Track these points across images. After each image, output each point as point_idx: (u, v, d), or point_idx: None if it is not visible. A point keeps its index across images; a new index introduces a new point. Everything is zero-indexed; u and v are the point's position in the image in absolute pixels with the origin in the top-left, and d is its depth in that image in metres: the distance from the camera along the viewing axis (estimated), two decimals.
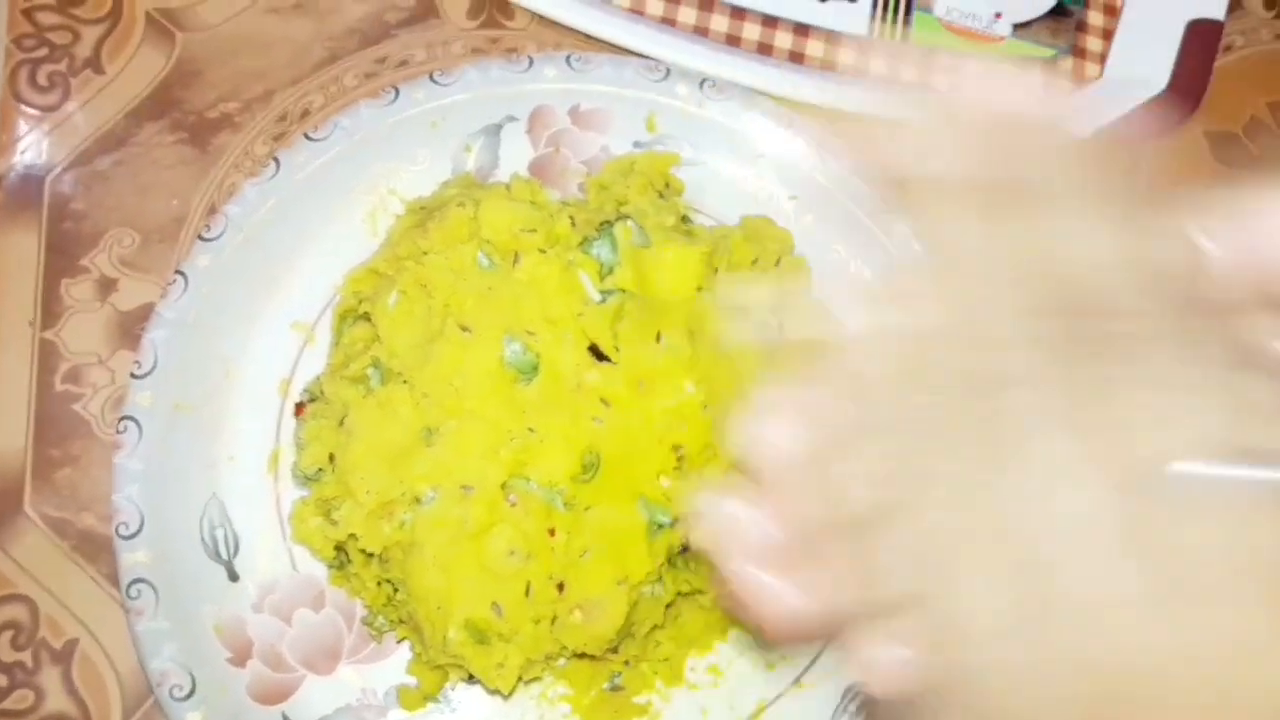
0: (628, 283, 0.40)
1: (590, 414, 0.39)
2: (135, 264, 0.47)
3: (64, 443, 0.44)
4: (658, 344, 0.40)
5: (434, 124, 0.49)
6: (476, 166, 0.50)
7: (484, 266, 0.41)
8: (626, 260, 0.41)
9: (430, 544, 0.38)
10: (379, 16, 0.52)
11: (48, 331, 0.45)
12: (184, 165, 0.48)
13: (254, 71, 0.50)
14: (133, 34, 0.50)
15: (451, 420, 0.39)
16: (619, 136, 0.51)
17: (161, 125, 0.49)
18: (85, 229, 0.47)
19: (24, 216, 0.47)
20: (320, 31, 0.51)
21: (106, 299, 0.46)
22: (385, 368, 0.40)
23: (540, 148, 0.50)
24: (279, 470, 0.44)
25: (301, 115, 0.50)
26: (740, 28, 0.54)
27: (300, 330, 0.46)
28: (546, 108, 0.50)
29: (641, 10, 0.53)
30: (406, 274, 0.41)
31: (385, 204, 0.48)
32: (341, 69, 0.51)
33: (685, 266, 0.42)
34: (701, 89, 0.50)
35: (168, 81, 0.50)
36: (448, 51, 0.52)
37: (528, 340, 0.40)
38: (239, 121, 0.49)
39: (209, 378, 0.44)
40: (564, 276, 0.40)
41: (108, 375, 0.45)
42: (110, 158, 0.48)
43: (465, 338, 0.40)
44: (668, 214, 0.44)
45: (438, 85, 0.49)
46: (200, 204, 0.48)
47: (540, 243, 0.40)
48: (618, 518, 0.38)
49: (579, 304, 0.40)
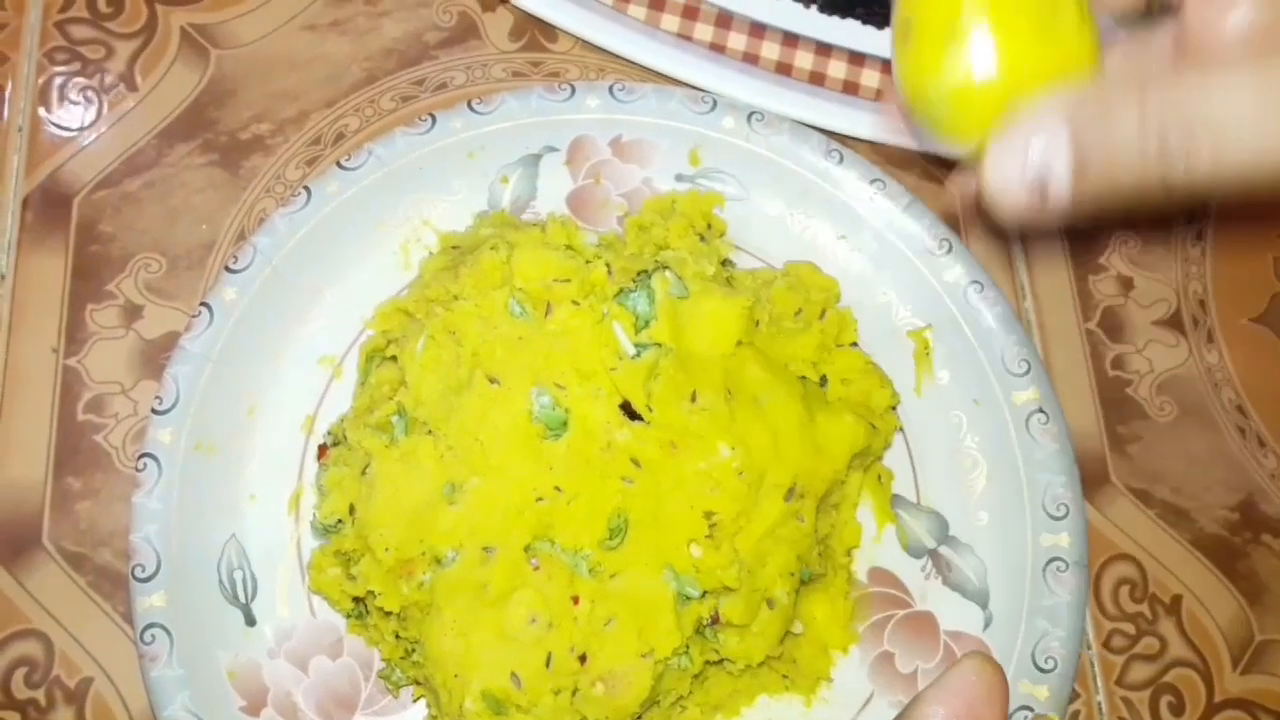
0: (664, 336, 0.39)
1: (620, 474, 0.38)
2: (161, 290, 0.46)
3: (84, 474, 0.43)
4: (692, 403, 0.38)
5: (471, 154, 0.47)
6: (513, 198, 0.48)
7: (516, 314, 0.39)
8: (663, 314, 0.39)
9: (449, 607, 0.36)
10: (418, 37, 0.50)
11: (71, 359, 0.45)
12: (214, 188, 0.47)
13: (288, 92, 0.49)
14: (167, 49, 0.49)
15: (476, 477, 0.37)
16: (661, 169, 0.49)
17: (192, 146, 0.48)
18: (113, 253, 0.46)
19: (51, 239, 0.46)
20: (357, 51, 0.50)
21: (131, 326, 0.45)
22: (410, 416, 0.39)
23: (580, 179, 0.49)
24: (300, 511, 0.43)
25: (336, 139, 0.49)
26: (792, 55, 0.52)
27: (327, 364, 0.45)
28: (587, 138, 0.49)
29: (690, 36, 0.51)
30: (436, 319, 0.40)
31: (419, 235, 0.47)
32: (378, 91, 0.49)
33: (724, 320, 0.40)
34: (749, 122, 0.48)
35: (200, 100, 0.48)
36: (488, 75, 0.50)
37: (558, 394, 0.38)
38: (271, 144, 0.48)
39: (232, 414, 0.43)
40: (598, 329, 0.39)
41: (130, 405, 0.44)
42: (140, 179, 0.47)
43: (493, 390, 0.38)
44: (708, 260, 0.42)
45: (476, 114, 0.47)
46: (229, 229, 0.47)
47: (574, 293, 0.39)
48: (644, 587, 0.37)
49: (612, 358, 0.38)
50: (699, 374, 0.39)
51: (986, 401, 0.46)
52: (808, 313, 0.43)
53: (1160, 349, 0.50)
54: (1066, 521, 0.44)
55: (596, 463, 0.38)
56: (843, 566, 0.43)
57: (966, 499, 0.46)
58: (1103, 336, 0.50)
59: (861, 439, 0.40)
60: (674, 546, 0.37)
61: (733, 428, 0.38)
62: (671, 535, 0.37)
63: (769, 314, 0.42)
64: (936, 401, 0.47)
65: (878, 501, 0.45)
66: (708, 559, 0.37)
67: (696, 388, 0.38)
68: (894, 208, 0.48)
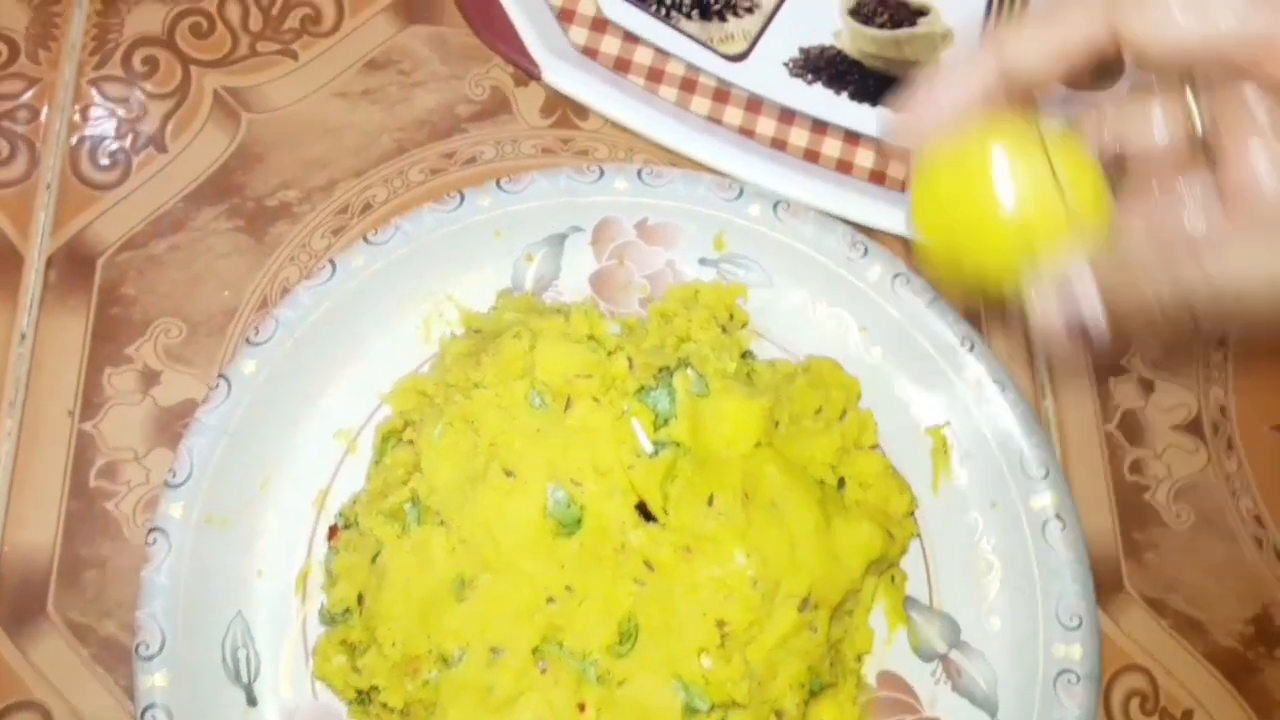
0: (683, 436, 0.38)
1: (632, 576, 0.37)
2: (180, 357, 0.46)
3: (93, 542, 0.43)
4: (709, 507, 0.38)
5: (498, 233, 0.47)
6: (537, 277, 0.48)
7: (535, 406, 0.39)
8: (683, 413, 0.39)
9: (454, 708, 0.36)
10: (450, 109, 0.51)
11: (87, 423, 0.44)
12: (239, 254, 0.47)
13: (318, 159, 0.49)
14: (199, 111, 0.49)
15: (487, 573, 0.37)
16: (686, 253, 0.49)
17: (219, 210, 0.48)
18: (134, 315, 0.46)
19: (73, 299, 0.46)
20: (389, 121, 0.50)
21: (148, 392, 0.45)
22: (424, 505, 0.39)
23: (604, 260, 0.49)
24: (307, 589, 0.42)
25: (363, 209, 0.49)
26: (820, 142, 0.52)
27: (343, 439, 0.45)
28: (613, 219, 0.49)
29: (719, 119, 0.51)
30: (454, 407, 0.40)
31: (441, 310, 0.47)
32: (408, 162, 0.50)
33: (744, 421, 0.40)
34: (775, 211, 0.48)
35: (229, 164, 0.48)
36: (517, 150, 0.50)
37: (573, 491, 0.38)
38: (298, 211, 0.48)
39: (245, 489, 0.43)
40: (616, 425, 0.38)
41: (143, 474, 0.44)
42: (165, 242, 0.47)
43: (508, 483, 0.38)
44: (729, 355, 0.42)
45: (505, 192, 0.47)
46: (252, 297, 0.47)
47: (595, 389, 0.39)
48: (652, 696, 0.36)
49: (630, 455, 0.38)
50: (716, 475, 0.38)
51: (1003, 504, 0.46)
52: (828, 412, 0.43)
53: (1179, 454, 0.50)
54: (1080, 633, 0.44)
55: (609, 563, 0.37)
56: (852, 671, 0.42)
57: (979, 603, 0.45)
58: (1121, 439, 0.50)
59: (878, 548, 0.40)
60: (684, 655, 0.37)
61: (749, 534, 0.38)
62: (682, 643, 0.37)
63: (788, 413, 0.42)
64: (953, 502, 0.47)
65: (890, 603, 0.44)
66: (718, 671, 0.36)
67: (714, 490, 0.38)
68: (917, 302, 0.48)
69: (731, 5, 0.53)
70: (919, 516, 0.46)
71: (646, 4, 0.52)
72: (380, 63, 0.51)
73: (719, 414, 0.40)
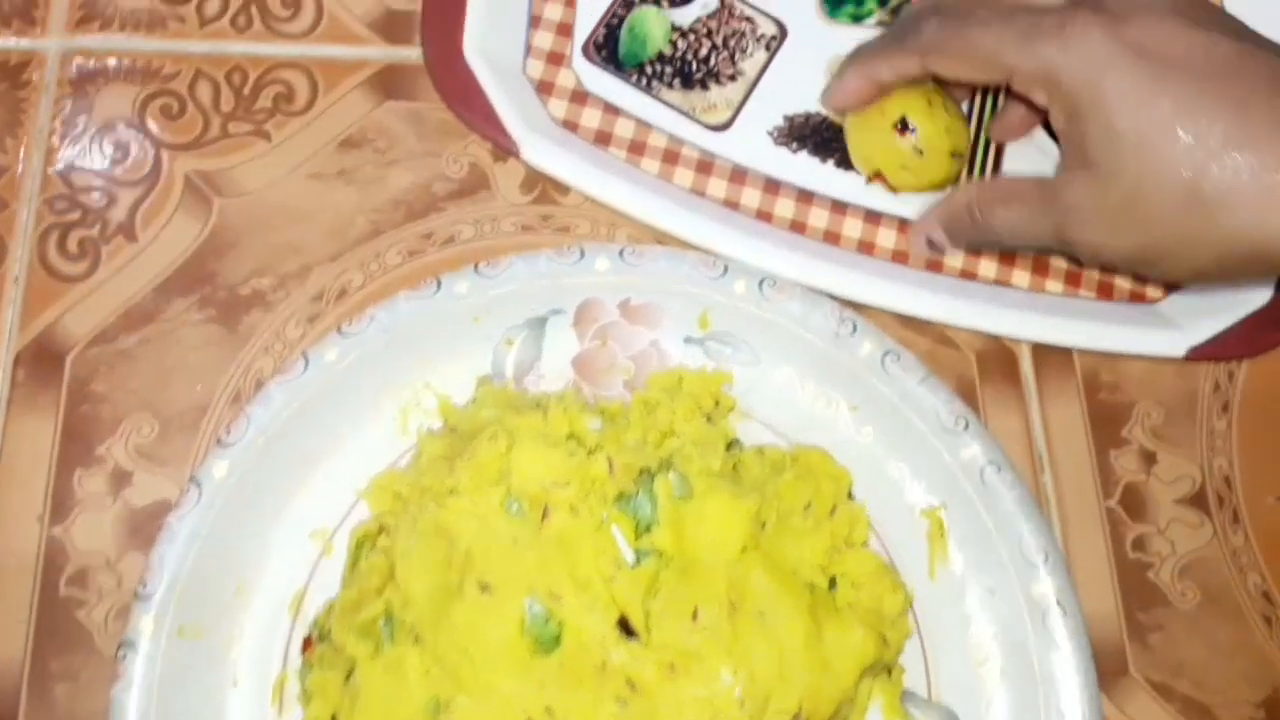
0: (665, 544, 0.37)
1: (614, 696, 0.36)
2: (152, 455, 0.44)
3: (64, 654, 0.42)
4: (694, 621, 0.37)
5: (476, 318, 0.46)
6: (517, 361, 0.47)
7: (512, 513, 0.38)
8: (666, 519, 0.37)
9: None
10: (427, 187, 0.49)
11: (56, 528, 0.43)
12: (211, 346, 0.46)
13: (291, 244, 0.48)
14: (170, 197, 0.48)
15: (463, 695, 0.36)
16: (670, 332, 0.48)
17: (191, 301, 0.47)
18: (104, 413, 0.45)
19: (42, 399, 0.45)
20: (364, 202, 0.49)
21: (119, 493, 0.44)
22: (398, 620, 0.37)
23: (586, 341, 0.47)
24: (283, 700, 0.41)
25: (339, 294, 0.47)
26: (807, 212, 0.50)
27: (318, 539, 0.43)
28: (595, 300, 0.47)
29: (703, 191, 0.50)
30: (428, 515, 0.38)
31: (419, 399, 0.46)
32: (384, 244, 0.48)
33: (730, 524, 0.38)
34: (761, 288, 0.47)
35: (201, 252, 0.47)
36: (497, 229, 0.49)
37: (552, 605, 0.37)
38: (272, 300, 0.47)
39: (218, 596, 0.42)
40: (596, 535, 0.37)
41: (114, 580, 0.43)
42: (136, 335, 0.46)
43: (484, 598, 0.37)
44: (714, 450, 0.41)
45: (483, 277, 0.46)
46: (224, 391, 0.46)
47: (573, 498, 0.37)
48: None
49: (610, 566, 0.37)
50: (701, 585, 0.37)
51: (1001, 591, 0.45)
52: (817, 508, 0.42)
53: (1183, 529, 0.48)
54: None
55: (590, 683, 0.36)
56: None
57: (979, 695, 0.44)
58: (1123, 515, 0.48)
59: (872, 654, 0.39)
60: None
61: (735, 648, 0.36)
62: None
63: (776, 510, 0.40)
64: (950, 588, 0.45)
65: (888, 699, 0.43)
66: None
67: (698, 602, 0.37)
68: (909, 380, 0.46)
69: (714, 73, 0.52)
70: (915, 603, 0.44)
71: (627, 74, 0.51)
72: (355, 141, 0.50)
73: (703, 517, 0.38)
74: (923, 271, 0.50)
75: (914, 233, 0.49)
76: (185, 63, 0.50)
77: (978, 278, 0.50)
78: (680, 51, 0.52)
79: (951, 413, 0.46)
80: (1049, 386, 0.50)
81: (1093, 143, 0.40)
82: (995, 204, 0.46)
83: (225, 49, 0.50)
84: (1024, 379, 0.50)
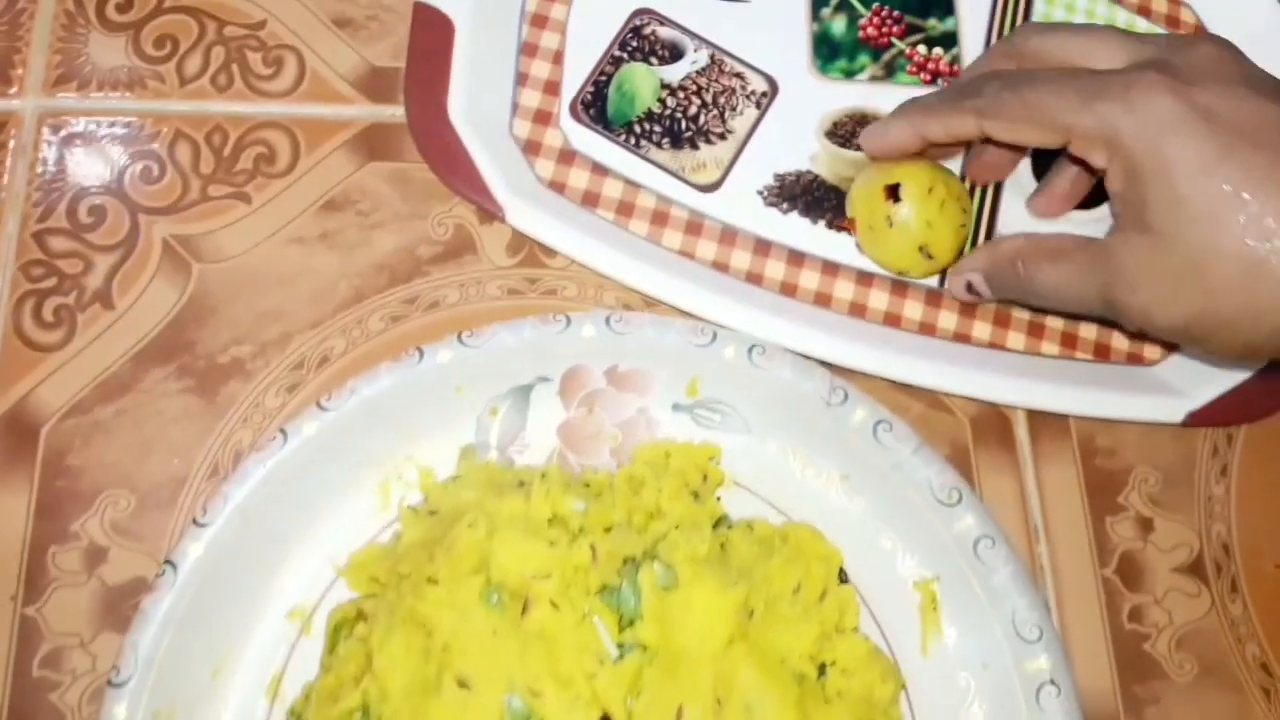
0: (649, 638, 0.36)
1: None
2: (129, 531, 0.44)
3: None
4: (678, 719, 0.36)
5: (460, 389, 0.45)
6: (501, 431, 0.46)
7: (492, 604, 0.37)
8: (650, 612, 0.36)
9: None
10: (411, 250, 0.48)
11: (30, 607, 0.42)
12: (189, 417, 0.45)
13: (272, 311, 0.47)
14: (148, 263, 0.47)
15: None
16: (658, 399, 0.47)
17: (169, 371, 0.46)
18: (80, 488, 0.44)
19: (15, 474, 0.44)
20: (346, 266, 0.48)
21: (94, 571, 0.43)
22: (374, 714, 0.36)
23: (572, 409, 0.47)
24: None
25: (320, 362, 0.46)
26: (797, 275, 0.50)
27: (297, 618, 0.43)
28: (582, 367, 0.46)
29: (692, 253, 0.49)
30: (405, 605, 0.37)
31: (400, 472, 0.45)
32: (367, 310, 0.47)
33: (716, 615, 0.37)
34: (750, 355, 0.46)
35: (180, 320, 0.46)
36: (482, 293, 0.48)
37: (532, 702, 0.36)
38: (251, 368, 0.46)
39: (194, 680, 0.41)
40: (578, 628, 0.36)
41: (89, 660, 0.42)
42: (112, 407, 0.45)
43: (463, 695, 0.36)
44: (701, 532, 0.40)
45: (466, 347, 0.45)
46: (203, 464, 0.45)
47: (555, 591, 0.36)
48: None
49: (593, 662, 0.36)
50: (686, 681, 0.36)
51: (995, 667, 0.44)
52: (807, 592, 0.41)
53: (1181, 599, 0.48)
54: None
55: None
56: None
57: None
58: (1120, 585, 0.47)
59: None
60: None
61: None
62: None
63: (764, 597, 0.39)
64: (943, 663, 0.44)
65: None
66: None
67: (683, 700, 0.36)
68: (902, 450, 0.45)
69: (703, 132, 0.51)
70: (908, 677, 0.44)
71: (615, 133, 0.50)
72: (338, 203, 0.49)
73: (689, 608, 0.37)
74: (915, 336, 0.49)
75: (954, 274, 0.49)
76: (165, 123, 0.49)
77: (971, 340, 0.50)
78: (669, 109, 0.51)
79: (945, 484, 0.45)
80: (1044, 451, 0.49)
81: (1153, 207, 0.39)
82: (1042, 259, 0.44)
83: (205, 108, 0.49)
84: (1019, 444, 0.49)
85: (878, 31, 0.53)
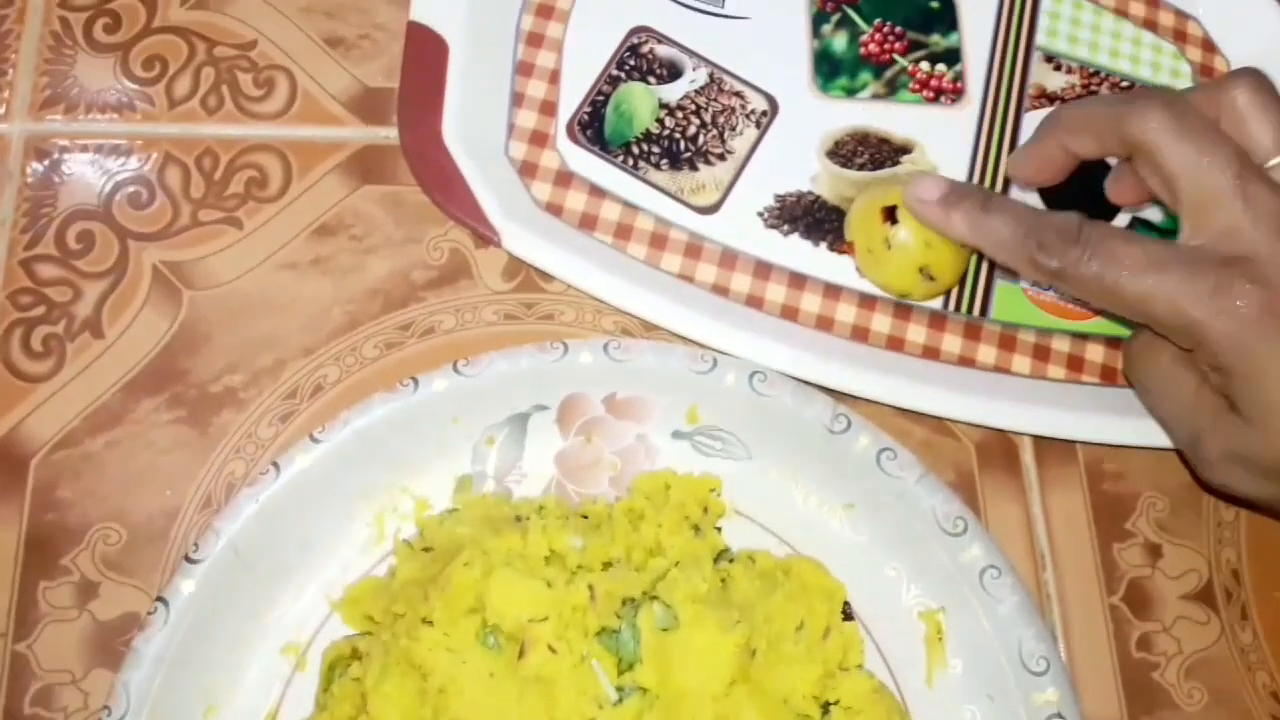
0: (649, 681, 0.36)
1: None
2: (120, 566, 0.43)
3: None
4: None
5: (456, 419, 0.44)
6: (498, 461, 0.45)
7: (489, 645, 0.36)
8: (650, 655, 0.36)
9: None
10: (406, 275, 0.48)
11: (20, 644, 0.42)
12: (181, 448, 0.44)
13: (264, 338, 0.46)
14: (137, 291, 0.46)
15: None
16: (658, 426, 0.46)
17: (160, 400, 0.45)
18: (70, 521, 0.43)
19: (4, 508, 0.43)
20: (340, 292, 0.47)
21: (85, 606, 0.42)
22: None
23: (570, 438, 0.46)
24: None
25: (314, 390, 0.46)
26: (799, 298, 0.49)
27: (291, 654, 0.42)
28: (580, 395, 0.46)
29: (691, 277, 0.49)
30: (400, 646, 0.37)
31: (396, 504, 0.44)
32: (361, 337, 0.47)
33: (717, 656, 0.37)
34: (751, 382, 0.45)
35: (170, 348, 0.46)
36: (478, 318, 0.47)
37: None
38: (244, 397, 0.45)
39: (188, 718, 0.40)
40: (576, 671, 0.35)
41: (80, 698, 0.41)
42: (102, 438, 0.44)
43: None
44: (701, 569, 0.39)
45: (461, 376, 0.44)
46: (195, 496, 0.44)
47: (552, 634, 0.36)
48: None
49: (591, 706, 0.35)
50: None
51: (1001, 698, 0.43)
52: (810, 629, 0.40)
53: (1190, 627, 0.47)
54: None
55: None
56: None
57: None
58: (1127, 613, 0.47)
59: None
60: None
61: None
62: None
63: (767, 636, 0.39)
64: (948, 695, 0.44)
65: None
66: None
67: None
68: (906, 479, 0.44)
69: (703, 153, 0.50)
70: (913, 709, 0.43)
71: (613, 154, 0.49)
72: (331, 228, 0.48)
73: (689, 649, 0.37)
74: (919, 360, 0.48)
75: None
76: (154, 146, 0.48)
77: (976, 364, 0.49)
78: (668, 130, 0.50)
79: (950, 513, 0.44)
80: (1051, 476, 0.48)
81: (1243, 399, 0.40)
82: (1148, 271, 0.41)
83: (195, 131, 0.49)
84: (1025, 470, 0.48)
85: (879, 48, 0.52)
